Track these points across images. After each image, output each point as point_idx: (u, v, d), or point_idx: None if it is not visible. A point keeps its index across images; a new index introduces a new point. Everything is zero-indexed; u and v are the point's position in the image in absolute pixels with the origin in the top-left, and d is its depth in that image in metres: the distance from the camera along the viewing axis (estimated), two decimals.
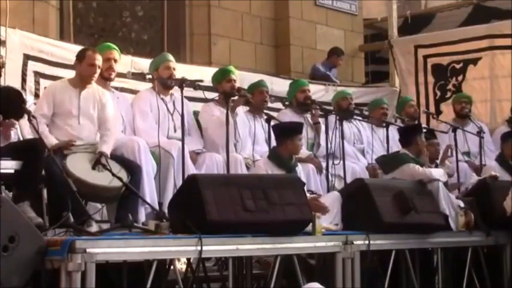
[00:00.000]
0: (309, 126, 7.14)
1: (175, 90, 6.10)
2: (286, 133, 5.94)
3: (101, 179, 4.94)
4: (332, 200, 5.61)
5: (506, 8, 10.08)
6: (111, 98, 5.69)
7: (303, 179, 5.75)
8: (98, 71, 5.51)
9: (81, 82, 5.50)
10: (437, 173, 6.22)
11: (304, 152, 6.73)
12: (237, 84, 6.56)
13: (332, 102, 7.84)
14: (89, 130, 5.44)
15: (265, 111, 6.74)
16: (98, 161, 5.06)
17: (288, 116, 7.02)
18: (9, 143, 4.92)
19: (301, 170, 6.09)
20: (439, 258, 6.23)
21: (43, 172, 4.72)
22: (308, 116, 7.23)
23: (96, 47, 6.08)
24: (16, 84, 6.26)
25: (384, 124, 7.40)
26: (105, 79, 5.88)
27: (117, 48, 6.10)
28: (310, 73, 9.90)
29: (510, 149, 7.40)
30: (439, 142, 7.37)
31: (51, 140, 5.16)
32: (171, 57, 6.38)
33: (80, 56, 5.54)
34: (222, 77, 6.54)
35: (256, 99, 6.78)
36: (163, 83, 6.12)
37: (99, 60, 5.51)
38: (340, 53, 10.17)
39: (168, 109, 6.11)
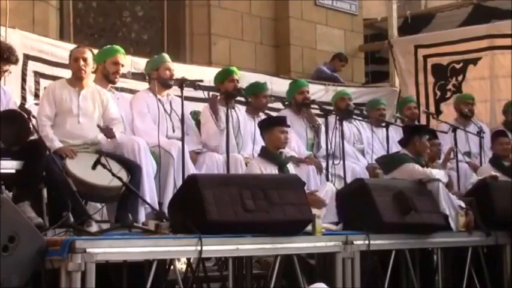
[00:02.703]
0: (308, 126, 7.14)
1: (173, 90, 6.10)
2: (266, 125, 5.99)
3: (101, 178, 4.94)
4: (326, 191, 5.64)
5: (506, 8, 10.10)
6: (111, 98, 5.71)
7: (303, 179, 5.75)
8: (84, 63, 5.47)
9: (76, 81, 5.51)
10: (438, 173, 6.22)
11: (304, 152, 6.73)
12: (239, 85, 6.56)
13: (332, 102, 7.84)
14: (89, 129, 5.44)
15: (265, 111, 6.75)
16: (97, 161, 5.05)
17: (287, 116, 7.01)
18: None
19: (293, 169, 6.09)
20: (439, 258, 6.23)
21: (43, 172, 4.72)
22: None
23: (104, 48, 6.12)
24: (16, 84, 6.27)
25: (384, 124, 7.40)
26: (110, 82, 5.91)
27: (123, 51, 6.11)
28: (314, 75, 9.89)
29: (500, 145, 7.45)
30: (441, 142, 7.38)
31: (55, 144, 5.19)
32: (169, 58, 6.39)
33: (69, 56, 5.61)
34: (225, 76, 6.54)
35: (259, 102, 6.78)
36: (164, 83, 6.12)
37: (82, 52, 5.51)
38: (343, 59, 10.24)
39: (165, 110, 6.10)
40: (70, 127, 5.39)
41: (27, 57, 6.51)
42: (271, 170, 5.82)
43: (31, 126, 4.77)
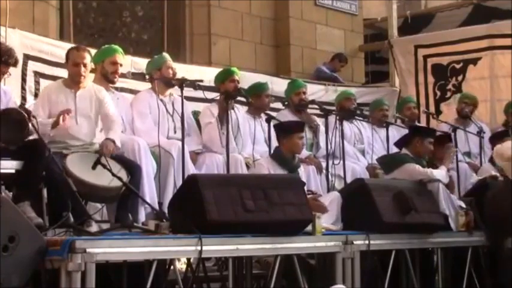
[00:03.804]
0: (307, 126, 7.13)
1: (175, 91, 6.10)
2: (284, 131, 5.96)
3: (101, 179, 4.94)
4: (331, 200, 5.61)
5: (506, 8, 10.10)
6: (108, 95, 5.69)
7: (303, 179, 5.75)
8: (84, 69, 5.44)
9: (73, 83, 5.49)
10: (439, 173, 6.21)
11: (303, 152, 6.73)
12: (239, 85, 6.56)
13: (335, 102, 7.84)
14: (87, 129, 5.44)
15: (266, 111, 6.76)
16: (97, 161, 5.05)
17: (287, 116, 7.00)
18: None
19: (302, 171, 6.09)
20: (439, 258, 6.23)
21: (43, 172, 4.72)
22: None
23: (102, 48, 6.11)
24: (16, 84, 6.27)
25: (384, 124, 7.40)
26: (109, 82, 5.91)
27: (122, 51, 6.10)
28: (314, 75, 9.89)
29: None
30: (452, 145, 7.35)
31: (50, 121, 5.15)
32: (169, 57, 6.38)
33: (66, 56, 5.56)
34: (226, 77, 6.54)
35: (262, 102, 6.78)
36: (167, 82, 6.11)
37: (83, 58, 5.46)
38: (342, 59, 10.25)
39: (167, 110, 6.10)
40: (69, 128, 5.37)
41: (27, 57, 6.50)
42: (280, 173, 5.80)
43: (31, 125, 4.77)
